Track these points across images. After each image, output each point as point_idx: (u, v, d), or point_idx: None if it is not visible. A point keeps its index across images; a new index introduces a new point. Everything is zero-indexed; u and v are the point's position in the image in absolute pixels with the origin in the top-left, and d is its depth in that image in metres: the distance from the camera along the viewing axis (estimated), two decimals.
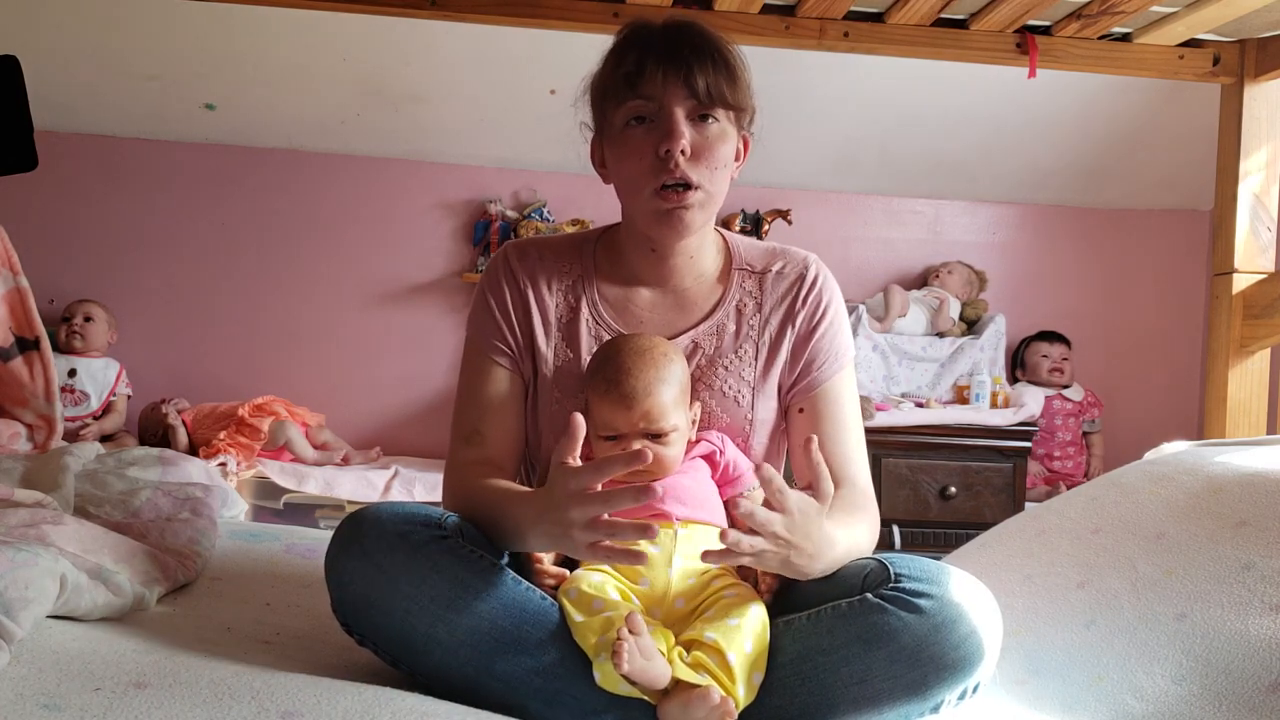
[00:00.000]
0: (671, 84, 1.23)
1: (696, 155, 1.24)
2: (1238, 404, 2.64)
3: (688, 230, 1.28)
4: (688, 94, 1.23)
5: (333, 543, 1.16)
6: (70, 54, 3.27)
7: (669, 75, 1.23)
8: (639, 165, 1.25)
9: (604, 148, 1.32)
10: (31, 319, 2.61)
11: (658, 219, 1.27)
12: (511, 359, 1.35)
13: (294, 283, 3.75)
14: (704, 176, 1.25)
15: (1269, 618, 1.25)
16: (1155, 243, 4.02)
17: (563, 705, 1.12)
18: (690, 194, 1.25)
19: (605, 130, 1.30)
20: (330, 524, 3.06)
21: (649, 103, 1.24)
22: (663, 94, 1.23)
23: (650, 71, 1.23)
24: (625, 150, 1.26)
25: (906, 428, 3.36)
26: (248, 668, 1.10)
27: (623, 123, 1.26)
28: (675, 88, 1.23)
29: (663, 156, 1.23)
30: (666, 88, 1.23)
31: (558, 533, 1.06)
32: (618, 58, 1.27)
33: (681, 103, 1.23)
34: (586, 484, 1.04)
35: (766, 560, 1.07)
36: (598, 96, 1.30)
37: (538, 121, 3.50)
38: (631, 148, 1.25)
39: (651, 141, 1.23)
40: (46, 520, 1.37)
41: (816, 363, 1.35)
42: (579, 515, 1.03)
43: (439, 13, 2.52)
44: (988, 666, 1.12)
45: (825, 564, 1.13)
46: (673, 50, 1.24)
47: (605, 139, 1.31)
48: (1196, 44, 2.66)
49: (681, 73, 1.22)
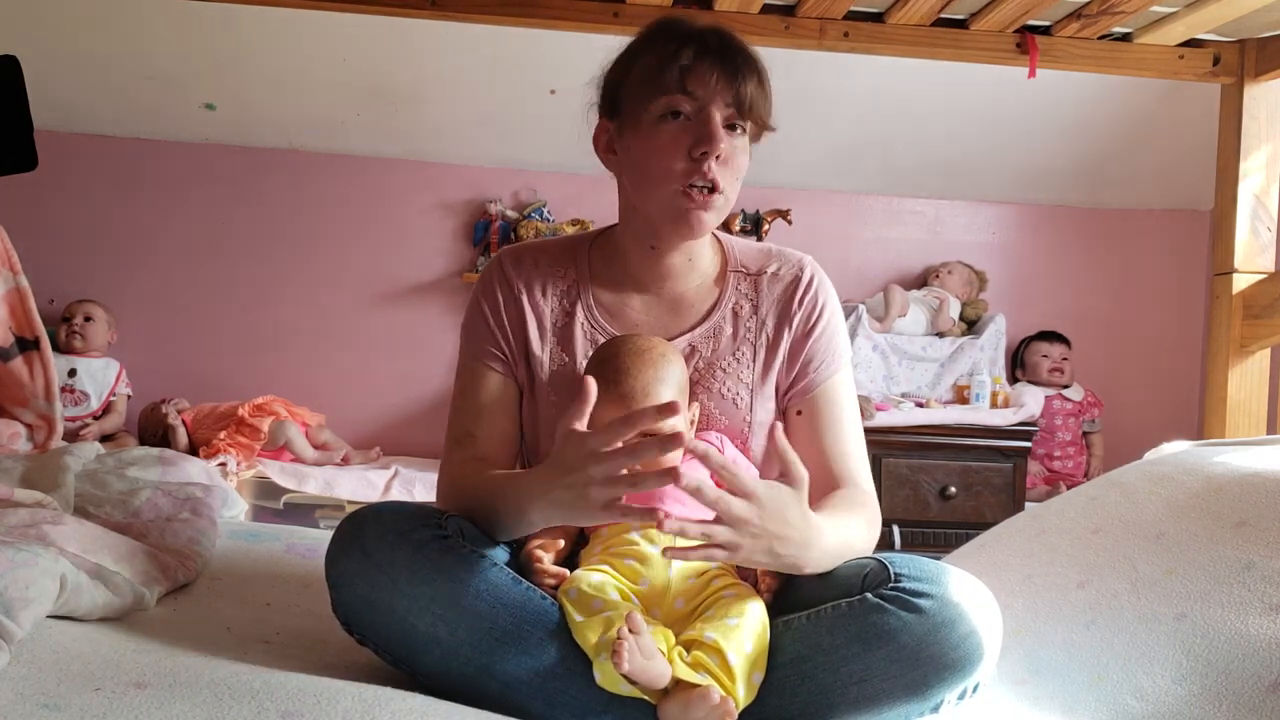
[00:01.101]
0: (721, 88, 1.23)
1: (724, 161, 1.25)
2: (1238, 404, 2.64)
3: (701, 231, 1.28)
4: (730, 101, 1.24)
5: (333, 542, 1.16)
6: (70, 54, 3.27)
7: (721, 79, 1.23)
8: (668, 161, 1.24)
9: (623, 135, 1.30)
10: (31, 319, 2.61)
11: (674, 216, 1.27)
12: (505, 364, 1.35)
13: (294, 283, 3.75)
14: (728, 183, 1.26)
15: (1269, 618, 1.25)
16: (1155, 243, 4.02)
17: (563, 705, 1.12)
18: (714, 197, 1.25)
19: (629, 118, 1.28)
20: (330, 524, 3.06)
21: (693, 101, 1.24)
22: (709, 96, 1.23)
23: (703, 71, 1.23)
24: (656, 144, 1.25)
25: (906, 428, 3.36)
26: (248, 668, 1.10)
27: (658, 114, 1.25)
28: (723, 93, 1.23)
29: (697, 158, 1.23)
30: (715, 90, 1.23)
31: (570, 497, 1.06)
32: (661, 50, 1.26)
33: (723, 109, 1.24)
34: (606, 442, 1.03)
35: (746, 551, 1.06)
36: (635, 84, 1.28)
37: (538, 121, 3.50)
38: (663, 142, 1.25)
39: (685, 139, 1.23)
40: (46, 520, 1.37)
41: (814, 364, 1.35)
42: (598, 471, 1.03)
43: (439, 13, 2.52)
44: (988, 666, 1.12)
45: (819, 554, 1.13)
46: (727, 56, 1.24)
47: (627, 127, 1.29)
48: (1196, 44, 2.66)
49: (732, 79, 1.23)
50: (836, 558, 1.17)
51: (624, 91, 1.29)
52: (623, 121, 1.30)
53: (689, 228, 1.27)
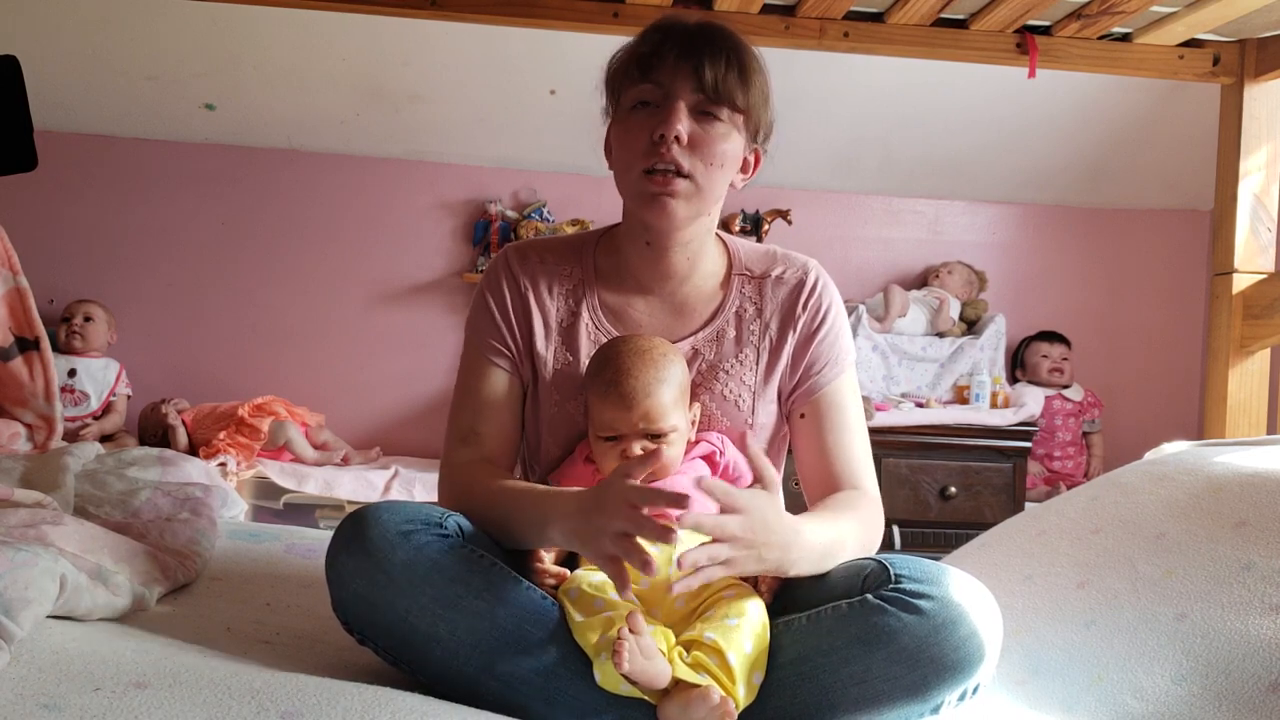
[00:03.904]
0: (680, 73, 1.23)
1: (693, 145, 1.24)
2: (1238, 404, 2.64)
3: (672, 218, 1.26)
4: (695, 86, 1.23)
5: (333, 542, 1.15)
6: (70, 54, 3.27)
7: (679, 64, 1.23)
8: (634, 147, 1.25)
9: (612, 131, 1.32)
10: (31, 319, 2.61)
11: (642, 202, 1.27)
12: (510, 361, 1.35)
13: (294, 282, 3.75)
14: (696, 168, 1.24)
15: (1269, 618, 1.25)
16: (1155, 243, 4.02)
17: (563, 705, 1.12)
18: (677, 181, 1.24)
19: (614, 114, 1.31)
20: (330, 524, 3.06)
21: (657, 89, 1.24)
22: (671, 82, 1.23)
23: (663, 57, 1.24)
24: (624, 131, 1.27)
25: (906, 428, 3.36)
26: (248, 668, 1.10)
27: (629, 105, 1.27)
28: (684, 77, 1.23)
29: (656, 140, 1.23)
30: (676, 76, 1.23)
31: (589, 533, 1.07)
32: (637, 43, 1.28)
33: (688, 95, 1.24)
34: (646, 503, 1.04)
35: (740, 564, 1.07)
36: (612, 78, 1.31)
37: (538, 121, 3.50)
38: (630, 128, 1.26)
39: (650, 125, 1.24)
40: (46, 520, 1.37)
41: (817, 367, 1.35)
42: (626, 526, 1.04)
43: (439, 13, 2.52)
44: (988, 667, 1.12)
45: (799, 555, 1.13)
46: (689, 42, 1.24)
47: (613, 122, 1.32)
48: (1196, 44, 2.66)
49: (691, 63, 1.23)
50: (823, 558, 1.17)
51: (611, 89, 1.32)
52: (611, 118, 1.33)
53: (654, 213, 1.26)
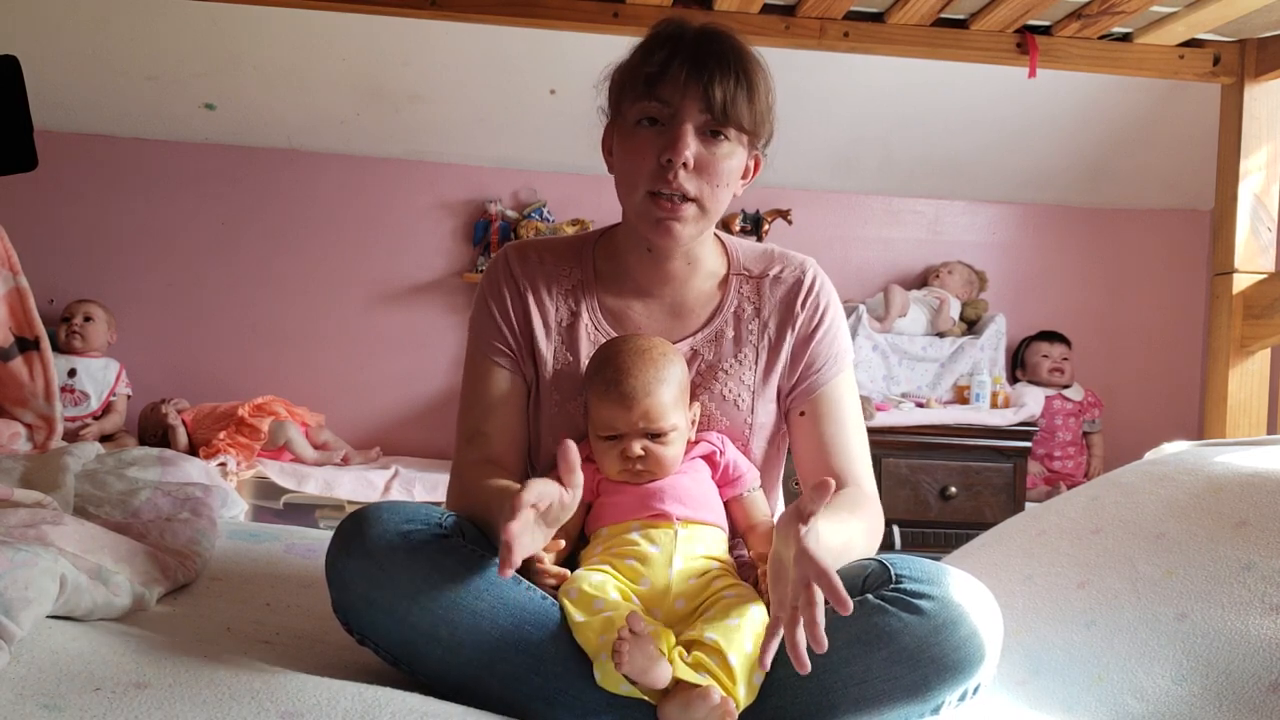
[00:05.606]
0: (689, 93, 1.22)
1: (700, 169, 1.23)
2: (1238, 404, 2.64)
3: (677, 240, 1.27)
4: (703, 106, 1.22)
5: (333, 542, 1.15)
6: (70, 54, 3.26)
7: (689, 83, 1.21)
8: (640, 166, 1.24)
9: (615, 137, 1.31)
10: (31, 319, 2.61)
11: (648, 224, 1.27)
12: (512, 360, 1.35)
13: (294, 282, 3.75)
14: (703, 191, 1.24)
15: (1269, 618, 1.25)
16: (1155, 243, 4.02)
17: (563, 705, 1.12)
18: (684, 207, 1.24)
19: (619, 120, 1.30)
20: (330, 524, 3.06)
21: (664, 106, 1.23)
22: (678, 101, 1.22)
23: (671, 76, 1.22)
24: (630, 147, 1.26)
25: (906, 428, 3.36)
26: (248, 668, 1.10)
27: (634, 119, 1.25)
28: (692, 98, 1.22)
29: (664, 164, 1.22)
30: (684, 96, 1.22)
31: None
32: (644, 54, 1.26)
33: (695, 115, 1.22)
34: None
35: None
36: (616, 87, 1.30)
37: (538, 121, 3.50)
38: (636, 146, 1.25)
39: (657, 145, 1.23)
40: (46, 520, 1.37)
41: (816, 366, 1.35)
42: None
43: (439, 13, 2.52)
44: (988, 668, 1.12)
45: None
46: (697, 59, 1.22)
47: (617, 129, 1.30)
48: (1196, 44, 2.66)
49: (700, 83, 1.21)
50: (836, 561, 1.17)
51: (615, 96, 1.30)
52: (615, 123, 1.31)
53: (659, 235, 1.26)
